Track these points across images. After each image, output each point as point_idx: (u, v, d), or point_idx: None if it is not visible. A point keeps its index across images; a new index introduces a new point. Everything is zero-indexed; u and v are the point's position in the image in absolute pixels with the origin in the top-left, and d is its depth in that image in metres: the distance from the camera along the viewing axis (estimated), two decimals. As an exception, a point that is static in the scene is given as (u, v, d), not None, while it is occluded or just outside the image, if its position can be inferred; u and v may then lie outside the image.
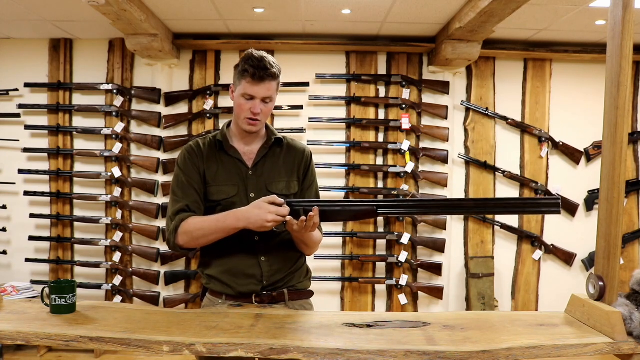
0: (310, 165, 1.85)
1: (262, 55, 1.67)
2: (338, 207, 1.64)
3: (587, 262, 4.03)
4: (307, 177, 1.84)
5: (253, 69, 1.65)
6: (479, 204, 1.65)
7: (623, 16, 1.45)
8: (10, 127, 3.94)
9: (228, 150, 1.77)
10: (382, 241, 3.94)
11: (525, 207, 1.68)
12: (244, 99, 1.69)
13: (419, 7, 3.20)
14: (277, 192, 1.74)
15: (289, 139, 1.86)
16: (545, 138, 3.99)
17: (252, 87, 1.67)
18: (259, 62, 1.65)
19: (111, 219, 3.83)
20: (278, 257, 1.75)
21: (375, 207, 1.61)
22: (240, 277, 1.72)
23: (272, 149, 1.80)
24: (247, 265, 1.72)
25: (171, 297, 3.83)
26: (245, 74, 1.67)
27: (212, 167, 1.76)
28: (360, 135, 3.93)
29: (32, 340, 1.36)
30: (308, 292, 1.85)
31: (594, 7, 3.13)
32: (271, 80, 1.68)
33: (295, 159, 1.82)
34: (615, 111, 1.48)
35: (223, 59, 3.96)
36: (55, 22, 3.55)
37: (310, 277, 1.90)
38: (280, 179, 1.78)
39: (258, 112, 1.69)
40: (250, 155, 1.78)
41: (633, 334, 1.39)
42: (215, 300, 1.76)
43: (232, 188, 1.74)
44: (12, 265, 3.99)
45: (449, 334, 1.42)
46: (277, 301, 1.74)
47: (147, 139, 3.87)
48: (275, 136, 1.81)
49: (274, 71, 1.67)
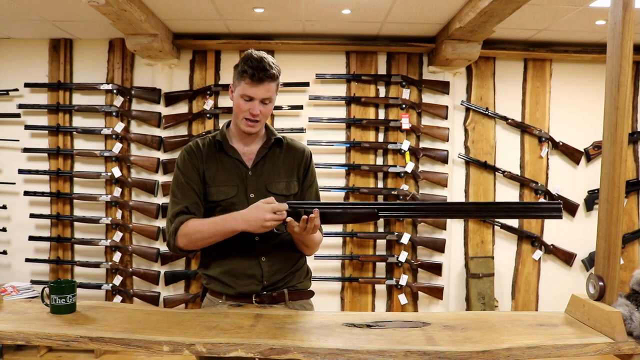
0: (310, 166, 1.85)
1: (261, 56, 1.67)
2: (339, 209, 1.64)
3: (587, 262, 4.03)
4: (307, 177, 1.84)
5: (252, 70, 1.64)
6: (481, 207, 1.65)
7: (623, 16, 1.45)
8: (10, 127, 3.94)
9: (227, 151, 1.77)
10: (382, 241, 3.94)
11: (526, 212, 1.67)
12: (243, 100, 1.69)
13: (419, 7, 3.20)
14: (276, 192, 1.74)
15: (288, 139, 1.86)
16: (545, 138, 3.99)
17: (251, 89, 1.66)
18: (258, 62, 1.65)
19: (111, 219, 3.83)
20: (278, 257, 1.75)
21: (376, 210, 1.61)
22: (241, 278, 1.72)
23: (272, 149, 1.80)
24: (247, 265, 1.72)
25: (171, 297, 3.83)
26: (244, 74, 1.66)
27: (211, 167, 1.75)
28: (360, 135, 3.93)
29: (32, 340, 1.36)
30: (308, 292, 1.85)
31: (594, 7, 3.13)
32: (270, 81, 1.67)
33: (295, 159, 1.82)
34: (615, 111, 1.48)
35: (223, 59, 3.96)
36: (55, 22, 3.55)
37: (311, 277, 1.90)
38: (280, 179, 1.77)
39: (257, 113, 1.68)
40: (249, 156, 1.78)
41: (633, 334, 1.39)
42: (216, 300, 1.76)
43: (232, 188, 1.74)
44: (12, 265, 3.99)
45: (449, 334, 1.42)
46: (277, 301, 1.74)
47: (147, 139, 3.87)
48: (275, 136, 1.81)
49: (273, 72, 1.67)
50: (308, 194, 1.83)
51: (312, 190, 1.85)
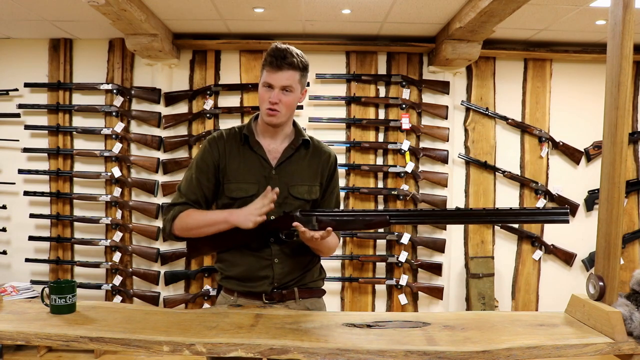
0: (335, 172, 1.85)
1: (286, 47, 1.69)
2: (351, 216, 1.65)
3: (587, 262, 4.03)
4: (331, 183, 1.84)
5: (271, 57, 1.67)
6: (491, 212, 1.65)
7: (623, 16, 1.45)
8: (10, 127, 3.93)
9: (253, 146, 1.76)
10: (382, 241, 3.94)
11: (535, 216, 1.68)
12: (265, 89, 1.70)
13: (419, 7, 3.20)
14: (298, 196, 1.74)
15: (315, 141, 1.85)
16: (545, 138, 3.99)
17: (270, 75, 1.67)
18: (280, 51, 1.67)
19: (111, 219, 3.83)
20: (291, 259, 1.76)
21: (388, 217, 1.62)
22: (254, 279, 1.74)
23: (298, 150, 1.79)
24: (260, 267, 1.73)
25: (171, 297, 3.83)
26: (265, 62, 1.69)
27: (233, 162, 1.75)
28: (360, 135, 3.93)
29: (32, 340, 1.36)
30: (319, 290, 1.86)
31: (594, 7, 3.13)
32: (289, 68, 1.67)
33: (320, 163, 1.81)
34: (615, 111, 1.48)
35: (223, 59, 3.96)
36: (55, 22, 3.55)
37: (324, 277, 1.90)
38: (302, 182, 1.77)
39: (276, 101, 1.67)
40: (275, 154, 1.77)
41: (633, 334, 1.39)
42: (228, 297, 1.79)
43: (252, 186, 1.73)
44: (12, 265, 3.99)
45: (449, 334, 1.42)
46: (287, 299, 1.76)
47: (147, 139, 3.87)
48: (303, 137, 1.80)
49: (292, 60, 1.67)
50: (328, 200, 1.84)
51: (333, 195, 1.85)
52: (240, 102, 3.94)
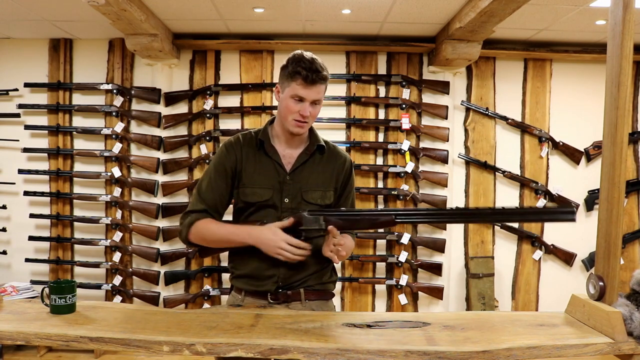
0: (350, 176, 1.86)
1: (313, 57, 1.69)
2: (358, 216, 1.66)
3: (587, 262, 4.03)
4: (346, 187, 1.85)
5: (306, 72, 1.65)
6: (496, 212, 1.65)
7: (623, 16, 1.45)
8: (10, 127, 3.93)
9: (268, 151, 1.77)
10: (382, 241, 3.93)
11: (542, 215, 1.68)
12: (294, 101, 1.69)
13: (419, 7, 3.20)
14: (311, 201, 1.76)
15: (330, 145, 1.86)
16: (545, 138, 3.99)
17: (304, 90, 1.67)
18: (311, 64, 1.67)
19: (111, 219, 3.83)
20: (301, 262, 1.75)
21: (394, 216, 1.62)
22: (260, 277, 1.76)
23: (313, 156, 1.80)
24: (267, 266, 1.74)
25: (171, 297, 3.83)
26: (296, 75, 1.67)
27: (249, 167, 1.77)
28: (360, 135, 3.93)
29: (32, 340, 1.36)
30: (327, 292, 1.86)
31: (594, 7, 3.13)
32: (322, 83, 1.69)
33: (335, 168, 1.82)
34: (615, 111, 1.48)
35: (223, 59, 3.96)
36: (55, 22, 3.55)
37: (336, 279, 1.90)
38: (316, 188, 1.78)
39: (307, 114, 1.69)
40: (289, 159, 1.78)
41: (633, 334, 1.39)
42: (237, 295, 1.82)
43: (267, 191, 1.75)
44: (12, 265, 3.99)
45: (449, 334, 1.42)
46: (293, 300, 1.76)
47: (147, 139, 3.87)
48: (319, 142, 1.81)
49: (325, 74, 1.69)
50: (343, 205, 1.85)
51: (348, 200, 1.86)
52: (240, 102, 3.94)
